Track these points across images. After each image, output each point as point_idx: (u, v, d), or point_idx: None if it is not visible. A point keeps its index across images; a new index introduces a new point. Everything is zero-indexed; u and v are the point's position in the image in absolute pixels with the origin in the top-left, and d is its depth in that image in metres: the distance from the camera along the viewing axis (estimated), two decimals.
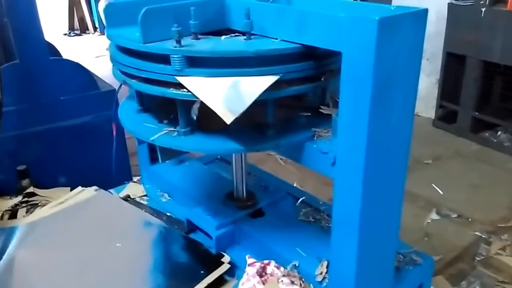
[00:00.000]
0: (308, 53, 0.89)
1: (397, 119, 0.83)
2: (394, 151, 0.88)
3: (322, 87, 0.99)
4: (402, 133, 0.87)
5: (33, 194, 1.51)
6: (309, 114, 1.01)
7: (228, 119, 0.80)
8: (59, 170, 2.04)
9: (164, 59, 0.87)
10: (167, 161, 1.42)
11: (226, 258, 1.09)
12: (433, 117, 3.81)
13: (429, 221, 2.61)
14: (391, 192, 0.93)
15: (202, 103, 0.85)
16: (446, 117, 3.71)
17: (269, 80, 0.85)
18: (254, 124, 0.97)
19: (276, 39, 0.89)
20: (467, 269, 2.27)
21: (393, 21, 0.73)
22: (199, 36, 0.91)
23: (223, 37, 0.94)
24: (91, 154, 2.14)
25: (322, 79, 0.93)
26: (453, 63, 3.52)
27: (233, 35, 0.95)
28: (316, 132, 0.95)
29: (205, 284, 1.00)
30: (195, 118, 0.97)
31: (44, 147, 2.09)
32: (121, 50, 0.98)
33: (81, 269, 1.09)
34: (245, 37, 0.91)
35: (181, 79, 0.86)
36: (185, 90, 0.87)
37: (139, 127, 1.02)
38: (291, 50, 0.86)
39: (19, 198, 1.49)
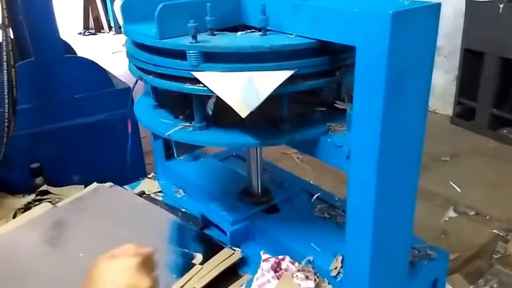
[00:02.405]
0: (323, 48, 0.89)
1: (410, 112, 0.83)
2: (407, 144, 0.87)
3: (337, 82, 0.99)
4: (416, 126, 0.87)
5: (46, 192, 1.52)
6: (324, 109, 1.01)
7: (243, 113, 0.80)
8: (73, 168, 2.06)
9: (180, 54, 0.88)
10: (182, 157, 1.42)
11: (237, 253, 1.10)
12: (450, 114, 3.76)
13: (446, 219, 2.57)
14: (405, 186, 0.92)
15: (217, 98, 0.85)
16: (464, 114, 3.65)
17: (284, 74, 0.85)
18: (269, 119, 0.97)
19: (291, 34, 0.89)
20: (484, 267, 2.24)
21: (406, 15, 0.73)
22: (215, 32, 0.92)
23: (239, 33, 0.94)
24: (106, 152, 2.15)
25: (337, 74, 0.93)
26: (471, 60, 3.46)
27: (248, 31, 0.96)
28: (331, 127, 0.95)
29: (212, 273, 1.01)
30: (210, 113, 0.98)
31: (58, 145, 2.11)
32: (138, 46, 0.99)
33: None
34: (260, 33, 0.91)
35: (197, 74, 0.86)
36: (201, 85, 0.87)
37: (155, 122, 1.03)
38: (306, 45, 0.86)
39: (32, 196, 1.50)
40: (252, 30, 0.96)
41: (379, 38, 0.72)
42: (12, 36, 2.25)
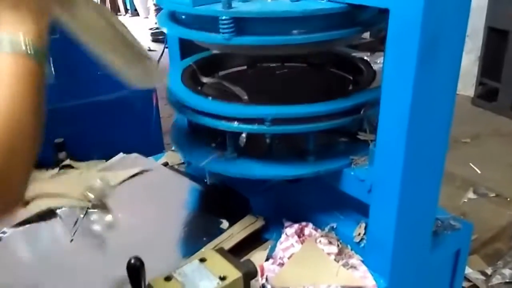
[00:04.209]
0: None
1: (442, 79, 0.83)
2: (437, 115, 0.87)
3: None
4: (447, 93, 0.87)
5: (69, 167, 1.56)
6: (347, 139, 1.07)
7: None
8: (95, 144, 2.10)
9: (213, 27, 0.89)
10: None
11: (261, 219, 1.12)
12: (472, 95, 3.70)
13: (465, 200, 2.55)
14: (432, 158, 0.93)
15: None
16: (486, 95, 3.59)
17: None
18: (296, 150, 1.05)
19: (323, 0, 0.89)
20: (504, 249, 2.23)
21: None
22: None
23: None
24: (127, 128, 2.18)
25: (362, 112, 0.97)
26: (495, 38, 3.38)
27: None
28: (354, 160, 1.00)
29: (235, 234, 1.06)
30: (242, 145, 1.05)
31: (80, 121, 2.14)
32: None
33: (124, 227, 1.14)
34: None
35: None
36: (235, 123, 0.95)
37: (190, 150, 1.15)
38: (337, 10, 0.86)
39: (56, 170, 1.54)
40: None
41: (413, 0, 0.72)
42: None
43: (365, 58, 1.16)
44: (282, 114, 0.93)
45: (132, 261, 0.68)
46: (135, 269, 0.68)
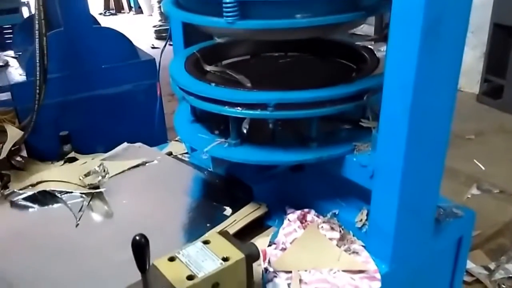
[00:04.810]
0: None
1: (445, 61, 0.83)
2: (440, 99, 0.87)
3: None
4: (450, 77, 0.87)
5: (74, 159, 1.58)
6: (350, 127, 1.08)
7: None
8: (99, 137, 2.11)
9: (216, 12, 0.90)
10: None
11: (263, 206, 1.13)
12: (477, 92, 3.68)
13: (469, 196, 2.55)
14: (435, 143, 0.93)
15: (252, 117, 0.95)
16: (491, 92, 3.58)
17: None
18: (299, 137, 1.05)
19: None
20: (507, 244, 2.22)
21: None
22: None
23: None
24: (131, 121, 2.19)
25: (365, 98, 0.98)
26: (500, 35, 3.37)
27: None
28: (356, 146, 1.01)
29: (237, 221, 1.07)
30: (245, 131, 1.06)
31: (85, 114, 2.15)
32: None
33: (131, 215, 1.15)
34: None
35: None
36: (239, 108, 0.96)
37: (193, 137, 1.14)
38: None
39: (61, 163, 1.56)
40: None
41: None
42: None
43: (369, 46, 1.16)
44: (285, 99, 0.94)
45: (137, 237, 0.68)
46: (140, 246, 0.69)
